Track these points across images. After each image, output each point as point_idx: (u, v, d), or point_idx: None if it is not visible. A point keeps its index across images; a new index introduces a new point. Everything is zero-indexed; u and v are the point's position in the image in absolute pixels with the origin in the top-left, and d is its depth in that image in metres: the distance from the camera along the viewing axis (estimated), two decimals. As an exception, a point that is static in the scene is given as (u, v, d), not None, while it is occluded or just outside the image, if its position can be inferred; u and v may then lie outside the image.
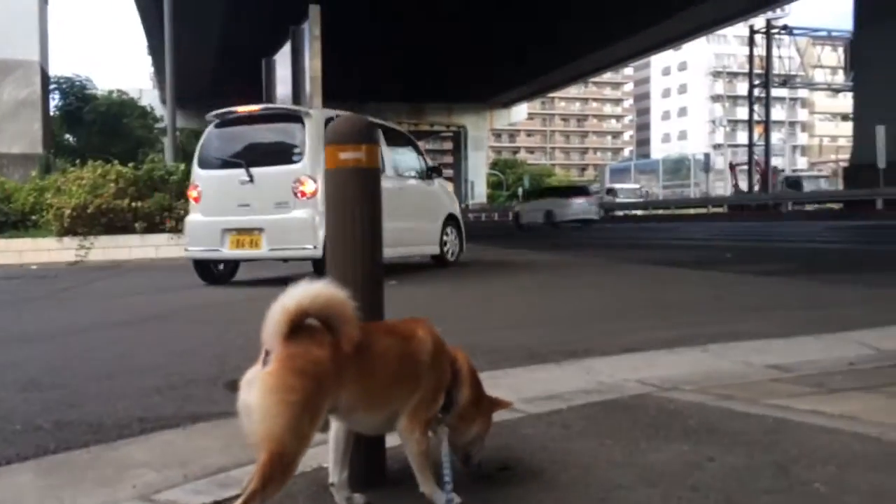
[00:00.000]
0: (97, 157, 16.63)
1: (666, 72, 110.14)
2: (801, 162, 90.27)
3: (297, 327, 1.72)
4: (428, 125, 58.25)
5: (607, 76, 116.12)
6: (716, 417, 2.69)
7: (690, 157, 55.52)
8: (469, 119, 58.57)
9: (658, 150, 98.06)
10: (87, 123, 23.15)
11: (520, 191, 74.08)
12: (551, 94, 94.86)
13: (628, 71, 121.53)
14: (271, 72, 22.51)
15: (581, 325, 5.56)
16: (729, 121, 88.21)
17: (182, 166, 16.63)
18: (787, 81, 44.67)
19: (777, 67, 43.39)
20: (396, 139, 10.48)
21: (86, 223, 14.95)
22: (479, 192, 63.22)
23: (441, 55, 39.55)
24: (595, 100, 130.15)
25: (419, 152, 11.08)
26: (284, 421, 1.64)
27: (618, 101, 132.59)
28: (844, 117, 64.07)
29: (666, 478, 2.10)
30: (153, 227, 15.21)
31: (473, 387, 2.12)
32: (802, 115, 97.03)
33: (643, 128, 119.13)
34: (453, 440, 2.12)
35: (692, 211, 40.93)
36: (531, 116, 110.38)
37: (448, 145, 75.35)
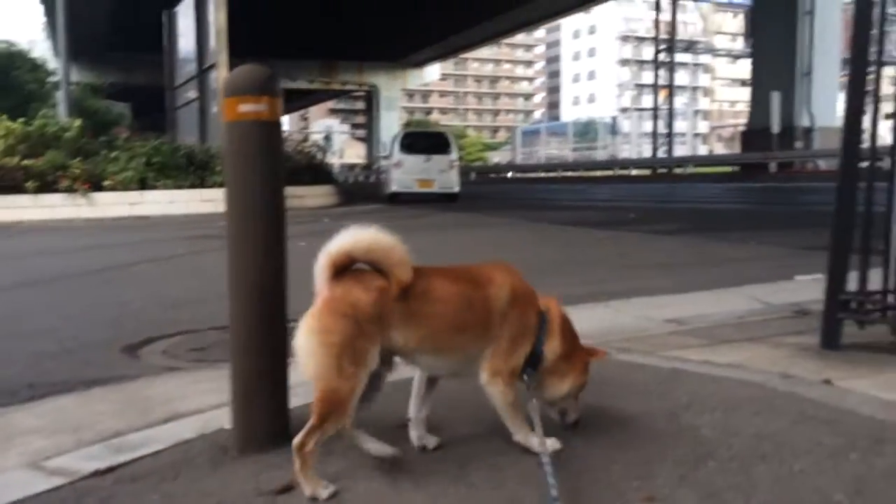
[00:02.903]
0: (-17, 113, 15.55)
1: (576, 35, 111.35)
2: (703, 126, 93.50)
3: (345, 270, 1.80)
4: (339, 84, 57.08)
5: (520, 38, 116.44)
6: (615, 369, 2.78)
7: (599, 121, 56.55)
8: (381, 78, 57.69)
9: (568, 113, 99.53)
10: (-28, 77, 21.59)
11: (432, 152, 73.80)
12: (464, 55, 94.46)
13: (540, 33, 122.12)
14: (173, 24, 21.52)
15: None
16: (636, 85, 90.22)
17: (77, 122, 15.75)
18: (690, 47, 46.07)
19: (681, 33, 44.67)
20: (449, 137, 20.23)
21: (-29, 182, 14.05)
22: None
23: (352, 9, 38.67)
24: (507, 61, 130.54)
25: (452, 142, 19.81)
26: (326, 361, 1.72)
27: (529, 64, 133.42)
28: (743, 83, 66.65)
29: (560, 430, 2.16)
30: (46, 187, 14.41)
31: (565, 339, 1.99)
32: (705, 80, 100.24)
33: (554, 90, 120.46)
34: (545, 396, 2.03)
35: (598, 174, 41.89)
36: (444, 77, 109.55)
37: (360, 105, 74.20)
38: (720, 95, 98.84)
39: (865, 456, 1.84)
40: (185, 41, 20.89)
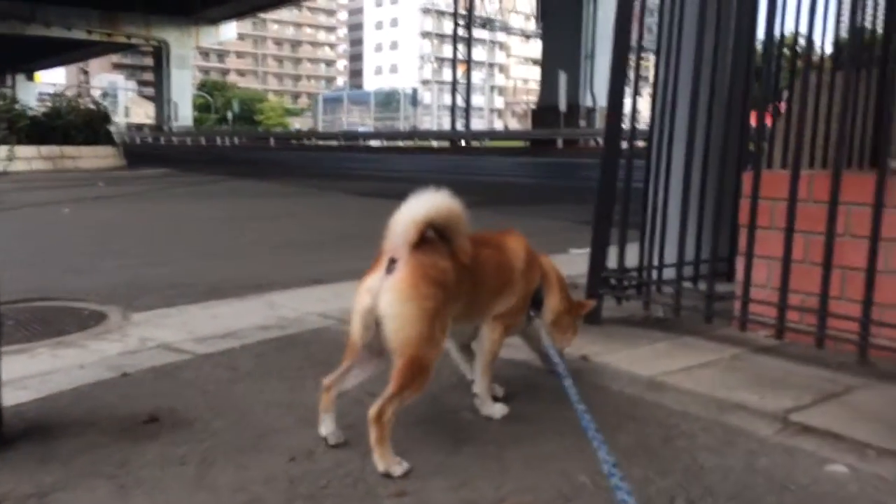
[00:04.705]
0: None
1: (379, 3, 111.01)
2: (499, 101, 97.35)
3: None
4: (124, 37, 52.69)
5: (321, 2, 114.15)
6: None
7: (400, 92, 56.99)
8: (172, 34, 54.01)
9: (371, 82, 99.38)
10: None
11: (229, 115, 70.73)
12: (263, 16, 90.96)
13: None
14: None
15: (273, 256, 5.39)
16: (437, 58, 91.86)
17: None
18: (487, 24, 47.56)
19: (479, 10, 45.92)
20: None
21: None
22: (185, 114, 59.10)
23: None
24: (309, 26, 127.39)
25: None
26: (421, 328, 1.67)
27: (332, 29, 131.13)
28: (535, 62, 70.09)
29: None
30: None
31: (563, 291, 2.17)
32: (501, 57, 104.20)
33: (356, 58, 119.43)
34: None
35: (401, 143, 42.22)
36: (242, 37, 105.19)
37: (149, 61, 69.13)
38: (515, 73, 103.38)
39: (611, 434, 1.89)
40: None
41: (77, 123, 17.35)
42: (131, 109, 71.59)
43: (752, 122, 3.14)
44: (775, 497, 1.59)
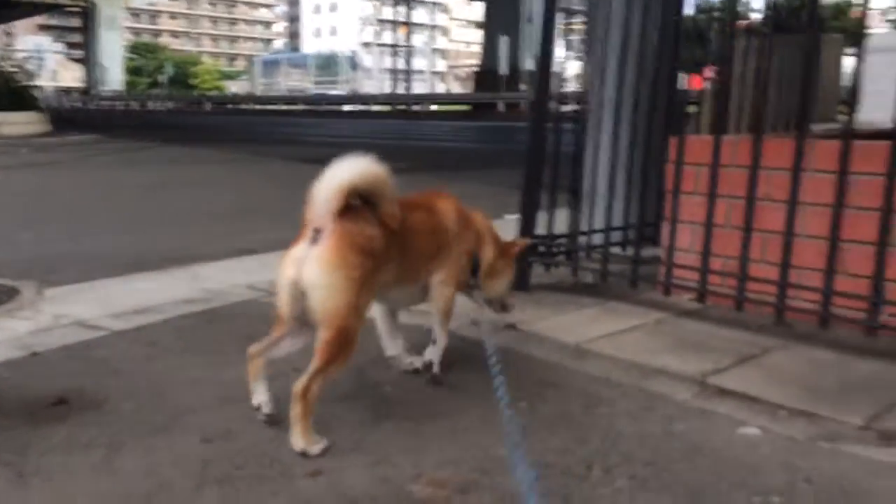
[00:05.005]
0: None
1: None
2: (441, 65, 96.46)
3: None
4: (49, -5, 50.34)
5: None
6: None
7: (340, 55, 55.95)
8: (100, -7, 51.82)
9: (310, 45, 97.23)
10: None
11: (161, 78, 68.44)
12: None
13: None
14: None
15: (202, 226, 5.24)
16: (378, 20, 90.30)
17: None
18: (428, -15, 46.97)
19: (420, -30, 45.27)
20: None
21: None
22: (115, 77, 56.93)
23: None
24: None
25: None
26: (348, 298, 1.63)
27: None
28: (478, 25, 69.50)
29: (244, 395, 1.99)
30: None
31: (494, 241, 2.18)
32: (442, 19, 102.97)
33: (294, 20, 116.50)
34: (491, 295, 2.20)
35: (345, 108, 41.46)
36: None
37: (76, 22, 66.16)
38: (456, 36, 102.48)
39: (532, 403, 1.89)
40: None
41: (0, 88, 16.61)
42: (59, 73, 68.53)
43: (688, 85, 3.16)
44: (689, 462, 1.60)
